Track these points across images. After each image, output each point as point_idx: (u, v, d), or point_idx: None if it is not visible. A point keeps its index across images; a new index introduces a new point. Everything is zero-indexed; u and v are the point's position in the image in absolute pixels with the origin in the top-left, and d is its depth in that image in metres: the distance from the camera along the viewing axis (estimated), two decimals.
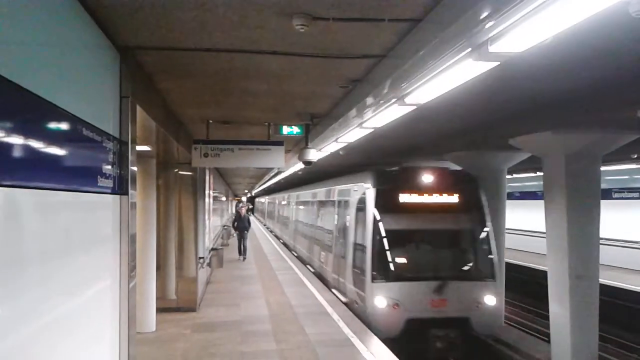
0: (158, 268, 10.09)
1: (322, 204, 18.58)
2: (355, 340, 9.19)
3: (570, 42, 4.46)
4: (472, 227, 12.01)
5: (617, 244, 19.47)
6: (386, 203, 11.62)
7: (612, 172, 19.91)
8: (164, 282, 11.06)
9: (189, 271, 11.53)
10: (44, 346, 3.20)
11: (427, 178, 11.78)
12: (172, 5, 3.96)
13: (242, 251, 21.34)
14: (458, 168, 13.65)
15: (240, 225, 22.13)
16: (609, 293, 15.22)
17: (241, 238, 21.74)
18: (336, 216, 15.43)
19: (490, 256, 11.71)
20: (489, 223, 11.92)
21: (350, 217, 13.38)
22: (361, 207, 12.37)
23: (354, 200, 13.10)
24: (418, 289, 10.98)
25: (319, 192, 19.53)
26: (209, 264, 14.03)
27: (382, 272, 11.24)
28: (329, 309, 11.76)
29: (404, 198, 11.69)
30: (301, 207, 24.91)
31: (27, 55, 2.92)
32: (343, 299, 13.05)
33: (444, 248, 12.04)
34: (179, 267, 11.40)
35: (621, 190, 21.93)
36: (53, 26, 3.34)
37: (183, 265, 11.51)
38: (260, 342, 9.15)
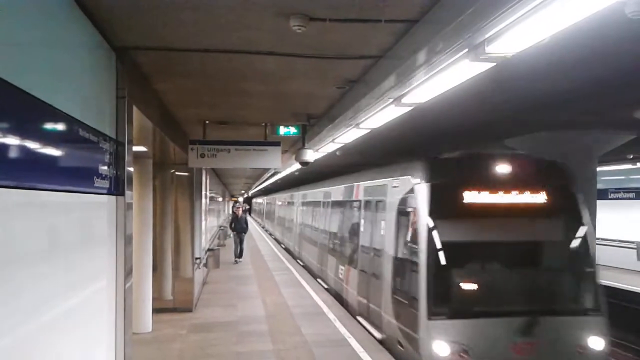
0: (154, 268, 10.07)
1: (339, 205, 14.77)
2: (352, 340, 9.18)
3: (567, 42, 4.47)
4: (569, 238, 8.30)
5: None
6: (447, 204, 8.04)
7: None
8: (160, 282, 11.05)
9: (185, 272, 11.52)
10: (40, 347, 3.19)
11: (504, 168, 8.21)
12: (169, 5, 3.95)
13: (238, 253, 20.83)
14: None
15: (238, 226, 21.38)
16: None
17: (238, 239, 21.12)
18: (363, 221, 11.68)
19: (594, 280, 8.18)
20: (590, 232, 8.41)
21: (387, 223, 9.60)
22: (406, 210, 8.72)
23: (392, 200, 9.43)
24: (495, 329, 7.53)
25: (335, 190, 15.50)
26: (205, 265, 14.02)
27: (444, 304, 7.66)
28: (326, 309, 11.75)
29: (472, 197, 8.01)
30: (309, 208, 20.95)
31: (22, 56, 2.91)
32: (376, 333, 9.59)
33: (530, 269, 8.28)
34: (176, 267, 11.40)
35: None
36: (49, 26, 3.33)
37: (179, 266, 11.50)
38: (257, 342, 9.15)
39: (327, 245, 15.93)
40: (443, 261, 7.76)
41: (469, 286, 7.97)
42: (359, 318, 10.87)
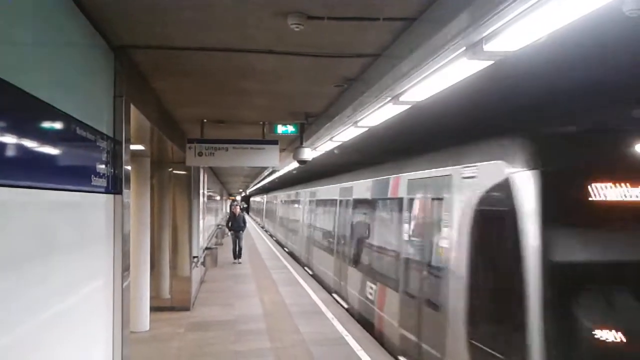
0: (152, 267, 10.08)
1: (366, 204, 11.34)
2: (349, 339, 9.19)
3: (565, 40, 4.47)
4: None
5: None
6: (572, 203, 5.08)
7: None
8: (158, 281, 11.05)
9: (183, 270, 11.53)
10: (38, 346, 3.19)
11: None
12: (168, 4, 3.95)
13: (237, 253, 20.41)
14: None
15: (235, 225, 20.84)
16: None
17: (236, 239, 20.61)
18: (406, 226, 8.41)
19: None
20: None
21: (455, 230, 6.42)
22: (492, 211, 5.70)
23: (465, 197, 6.26)
24: None
25: (360, 186, 12.08)
26: (203, 263, 14.01)
27: None
28: (324, 308, 11.76)
29: (612, 193, 4.96)
30: (322, 208, 17.15)
31: (20, 55, 2.91)
32: None
33: None
34: (173, 266, 11.40)
35: None
36: (47, 25, 3.33)
37: (177, 265, 11.50)
38: (255, 341, 9.15)
39: (348, 255, 12.67)
40: (567, 293, 4.92)
41: (611, 334, 4.65)
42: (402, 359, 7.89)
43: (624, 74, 6.04)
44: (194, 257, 12.14)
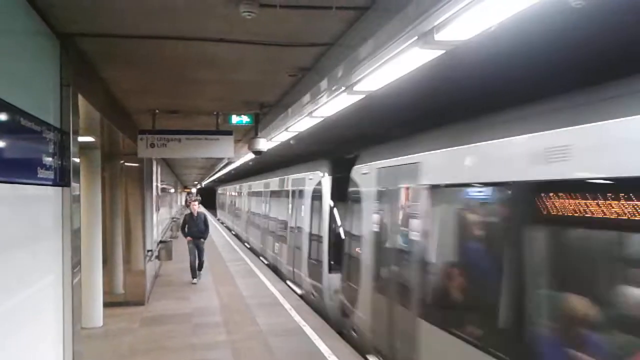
0: (104, 262, 9.86)
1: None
2: (307, 329, 9.23)
3: (514, 30, 4.55)
4: None
5: None
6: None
7: None
8: (111, 276, 10.84)
9: (136, 265, 11.33)
10: None
11: None
12: None
13: (197, 268, 14.47)
14: None
15: (194, 229, 14.64)
16: None
17: (195, 249, 14.46)
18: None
19: None
20: None
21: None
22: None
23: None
24: None
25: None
26: (157, 257, 13.80)
27: None
28: (281, 299, 11.76)
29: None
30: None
31: None
32: None
33: None
34: (127, 260, 11.19)
35: None
36: None
37: (131, 259, 11.30)
38: (212, 333, 9.09)
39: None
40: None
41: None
42: None
43: (570, 63, 6.20)
44: (148, 250, 11.95)
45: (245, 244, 23.36)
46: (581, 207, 3.56)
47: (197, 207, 15.40)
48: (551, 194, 3.87)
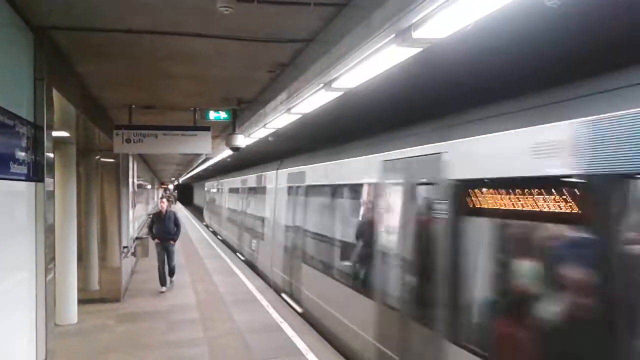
0: (79, 258, 9.73)
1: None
2: (284, 325, 9.22)
3: (490, 28, 4.59)
4: None
5: None
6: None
7: None
8: (86, 272, 10.71)
9: (112, 261, 11.21)
10: None
11: None
12: None
13: (167, 275, 12.85)
14: None
15: (161, 229, 12.71)
16: None
17: (164, 253, 12.71)
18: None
19: None
20: None
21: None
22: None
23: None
24: None
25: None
26: (133, 254, 13.65)
27: None
28: (259, 296, 11.74)
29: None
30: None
31: None
32: None
33: None
34: (102, 257, 11.07)
35: None
36: None
37: (106, 255, 11.17)
38: (188, 330, 9.03)
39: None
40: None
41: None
42: None
43: (546, 61, 6.28)
44: (124, 247, 11.82)
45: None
46: None
47: (165, 206, 13.13)
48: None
